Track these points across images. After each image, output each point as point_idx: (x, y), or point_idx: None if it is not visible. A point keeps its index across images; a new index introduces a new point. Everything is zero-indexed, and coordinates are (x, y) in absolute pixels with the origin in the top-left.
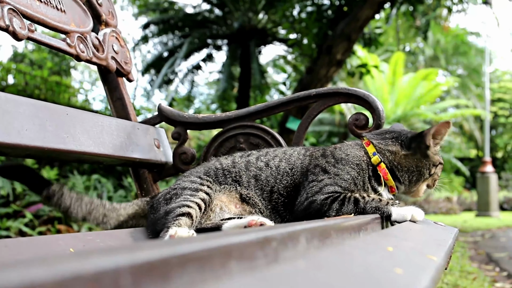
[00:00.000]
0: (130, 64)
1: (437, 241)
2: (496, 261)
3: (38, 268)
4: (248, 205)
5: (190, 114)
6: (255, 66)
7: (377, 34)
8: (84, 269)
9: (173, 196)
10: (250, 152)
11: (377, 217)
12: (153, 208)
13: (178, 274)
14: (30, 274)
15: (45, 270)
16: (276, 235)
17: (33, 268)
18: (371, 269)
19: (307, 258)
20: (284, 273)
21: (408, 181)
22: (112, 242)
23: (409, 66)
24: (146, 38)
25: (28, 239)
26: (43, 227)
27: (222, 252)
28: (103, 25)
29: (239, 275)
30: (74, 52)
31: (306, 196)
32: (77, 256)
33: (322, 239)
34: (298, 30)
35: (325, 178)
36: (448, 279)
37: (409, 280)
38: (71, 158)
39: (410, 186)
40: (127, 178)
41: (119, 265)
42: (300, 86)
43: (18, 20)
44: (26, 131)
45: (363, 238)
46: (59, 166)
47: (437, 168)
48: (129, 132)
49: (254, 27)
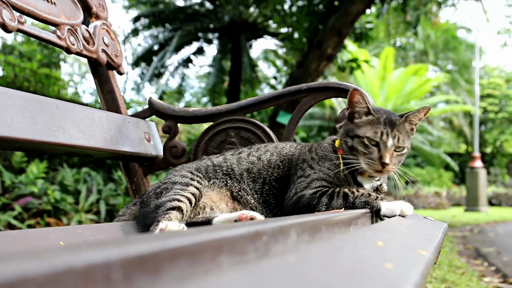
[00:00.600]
0: (121, 57)
1: (426, 236)
2: (484, 255)
3: (30, 261)
4: (239, 204)
5: (181, 108)
6: (246, 60)
7: (368, 29)
8: (76, 262)
9: (164, 190)
10: (241, 150)
11: (367, 212)
12: (144, 202)
13: (168, 267)
14: (22, 267)
15: (36, 263)
16: (266, 229)
17: (24, 261)
18: (362, 264)
19: (298, 253)
20: (274, 267)
21: (350, 154)
22: (102, 235)
23: (399, 61)
24: (136, 31)
25: (18, 232)
26: (32, 220)
27: (213, 246)
28: (93, 18)
29: (230, 269)
30: (64, 45)
31: (295, 191)
32: (68, 249)
33: (313, 234)
34: (289, 24)
35: (311, 173)
36: (437, 273)
37: (399, 274)
38: (61, 151)
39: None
40: (117, 171)
41: (110, 258)
42: (290, 80)
43: (8, 12)
44: (15, 124)
45: (353, 232)
46: (49, 159)
47: (355, 141)
48: (120, 126)
49: (245, 21)
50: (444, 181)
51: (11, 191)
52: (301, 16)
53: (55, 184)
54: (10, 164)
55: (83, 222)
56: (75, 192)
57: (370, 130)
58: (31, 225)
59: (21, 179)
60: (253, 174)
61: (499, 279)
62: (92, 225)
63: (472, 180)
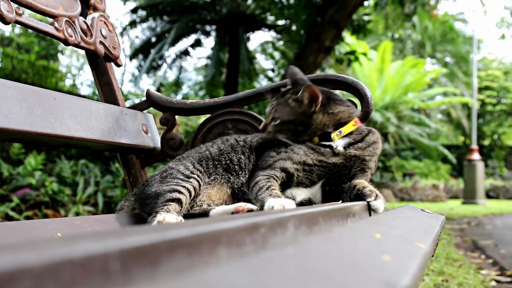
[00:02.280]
0: (119, 49)
1: (424, 228)
2: (482, 248)
3: (27, 252)
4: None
5: (179, 100)
6: (244, 52)
7: (366, 22)
8: (74, 253)
9: (168, 175)
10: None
11: (364, 205)
12: (147, 181)
13: (166, 259)
14: (19, 258)
15: (34, 254)
16: (264, 221)
17: (22, 252)
18: (359, 256)
19: (296, 245)
20: (272, 259)
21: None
22: (100, 227)
23: (397, 53)
24: (134, 23)
25: (16, 223)
26: (30, 211)
27: (211, 238)
28: (91, 10)
29: (228, 261)
30: (62, 36)
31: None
32: (66, 240)
33: (310, 226)
34: (287, 16)
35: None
36: (434, 266)
37: (397, 267)
38: (59, 142)
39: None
40: (114, 163)
41: (108, 249)
42: None
43: (6, 3)
44: (13, 115)
45: (351, 225)
46: (46, 151)
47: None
48: (117, 117)
49: (242, 13)
50: (442, 173)
51: (8, 183)
52: (299, 8)
53: (53, 175)
54: (8, 156)
55: (80, 213)
56: (72, 184)
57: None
58: (28, 217)
59: (19, 170)
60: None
61: (497, 272)
62: (89, 217)
63: (469, 172)
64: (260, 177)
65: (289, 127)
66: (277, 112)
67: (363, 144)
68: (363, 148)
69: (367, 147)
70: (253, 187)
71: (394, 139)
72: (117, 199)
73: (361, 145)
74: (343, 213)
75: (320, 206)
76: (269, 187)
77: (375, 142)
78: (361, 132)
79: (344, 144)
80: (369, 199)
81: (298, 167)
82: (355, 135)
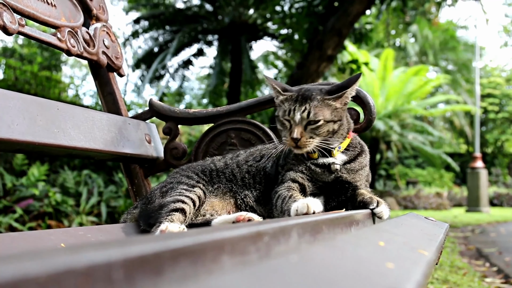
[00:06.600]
0: (121, 59)
1: (428, 236)
2: (486, 256)
3: (31, 261)
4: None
5: (181, 109)
6: (246, 61)
7: (367, 30)
8: (77, 262)
9: (169, 189)
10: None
11: (368, 212)
12: (147, 199)
13: (170, 268)
14: (23, 267)
15: (38, 263)
16: (268, 230)
17: (26, 262)
18: (363, 264)
19: (299, 253)
20: (276, 267)
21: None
22: (103, 236)
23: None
24: (136, 33)
25: (20, 234)
26: (33, 222)
27: (214, 246)
28: (94, 20)
29: (231, 269)
30: (64, 47)
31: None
32: (69, 250)
33: (314, 234)
34: (289, 25)
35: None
36: (439, 274)
37: (401, 274)
38: (62, 153)
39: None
40: (118, 173)
41: (111, 259)
42: (291, 81)
43: (8, 14)
44: (16, 126)
45: (355, 233)
46: (50, 162)
47: (277, 124)
48: (120, 127)
49: (245, 22)
50: (445, 181)
51: (12, 194)
52: (301, 17)
53: (56, 186)
54: (11, 167)
55: (84, 224)
56: (76, 194)
57: (281, 109)
58: (32, 228)
59: (22, 181)
60: (254, 178)
61: (501, 280)
62: (93, 227)
63: (473, 180)
64: (281, 191)
65: (333, 128)
66: (320, 115)
67: (356, 165)
68: (355, 171)
69: (359, 169)
70: (276, 202)
71: (397, 148)
72: (121, 209)
73: (354, 167)
74: (346, 221)
75: (323, 214)
76: (291, 196)
77: (366, 166)
78: (354, 147)
79: (341, 162)
80: (371, 206)
81: (303, 176)
82: (351, 152)
